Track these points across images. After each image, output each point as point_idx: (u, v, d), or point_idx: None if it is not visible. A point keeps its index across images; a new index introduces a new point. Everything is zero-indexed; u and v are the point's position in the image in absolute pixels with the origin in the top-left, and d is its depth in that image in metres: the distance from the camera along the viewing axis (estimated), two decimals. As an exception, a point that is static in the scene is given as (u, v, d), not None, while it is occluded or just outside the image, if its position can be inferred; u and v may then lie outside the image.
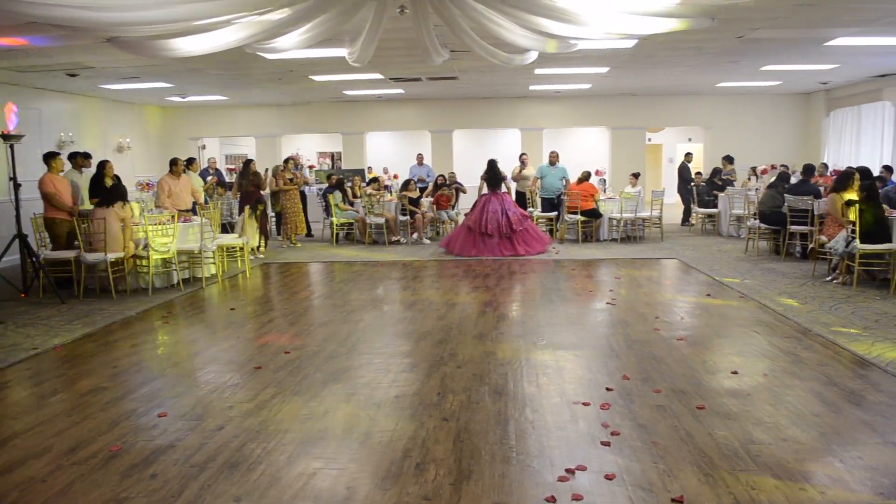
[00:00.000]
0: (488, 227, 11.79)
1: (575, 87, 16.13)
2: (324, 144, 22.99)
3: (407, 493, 3.52)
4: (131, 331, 7.14)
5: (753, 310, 7.49)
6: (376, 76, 13.37)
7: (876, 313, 7.11)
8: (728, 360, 5.70)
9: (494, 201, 12.07)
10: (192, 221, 9.79)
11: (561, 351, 6.05)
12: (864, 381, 5.11)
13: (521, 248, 11.74)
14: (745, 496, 3.41)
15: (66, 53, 9.83)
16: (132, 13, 5.48)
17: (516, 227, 11.88)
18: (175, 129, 18.54)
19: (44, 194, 9.10)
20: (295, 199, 13.35)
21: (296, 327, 7.17)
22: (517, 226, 11.91)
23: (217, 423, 4.51)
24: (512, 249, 11.70)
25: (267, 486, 3.62)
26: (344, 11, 6.26)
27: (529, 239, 11.98)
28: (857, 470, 3.68)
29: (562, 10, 5.98)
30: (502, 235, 11.80)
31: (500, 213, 11.89)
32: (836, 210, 8.91)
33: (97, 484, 3.67)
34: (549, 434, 4.23)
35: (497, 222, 11.82)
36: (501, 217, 11.86)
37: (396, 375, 5.45)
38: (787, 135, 17.94)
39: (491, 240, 11.77)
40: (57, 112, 13.78)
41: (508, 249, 11.70)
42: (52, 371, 5.81)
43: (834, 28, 9.22)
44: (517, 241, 11.81)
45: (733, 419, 4.40)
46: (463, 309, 7.83)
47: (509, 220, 11.87)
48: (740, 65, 12.50)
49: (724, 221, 14.15)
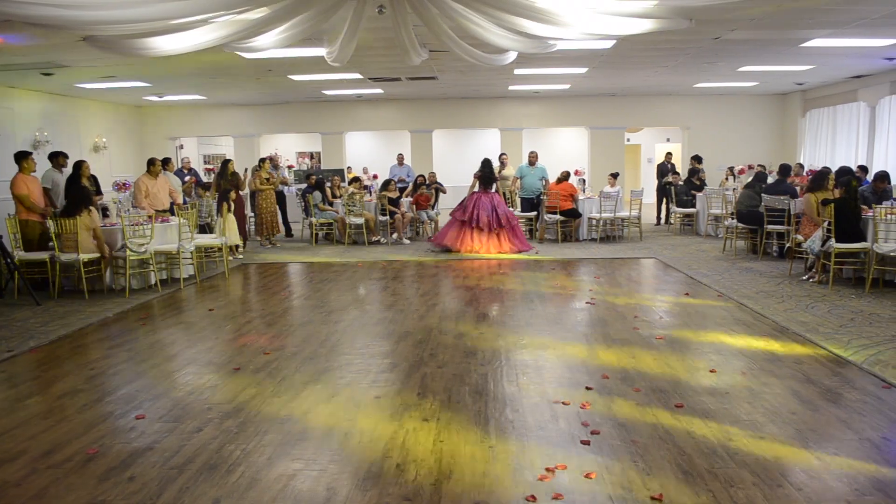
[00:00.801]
0: (480, 221, 12.17)
1: (554, 88, 16.19)
2: (303, 144, 22.90)
3: (387, 494, 3.51)
4: (108, 332, 7.06)
5: (731, 309, 7.55)
6: (356, 76, 13.35)
7: (851, 311, 7.20)
8: (706, 359, 5.74)
9: (486, 199, 12.40)
10: (170, 222, 9.70)
11: (541, 350, 6.07)
12: (840, 378, 5.17)
13: (507, 245, 12.15)
14: (724, 494, 3.44)
15: (41, 52, 9.71)
16: (108, 11, 5.42)
17: (504, 224, 12.27)
18: (152, 129, 18.40)
19: (16, 196, 8.97)
20: (271, 199, 13.30)
21: (275, 328, 7.12)
22: (506, 223, 12.30)
23: (196, 424, 4.47)
24: (499, 247, 12.10)
25: (246, 487, 3.60)
26: (322, 11, 6.24)
27: (515, 238, 12.37)
28: (834, 467, 3.72)
29: (540, 11, 6.00)
30: (492, 230, 12.19)
31: (490, 209, 12.28)
32: (811, 210, 9.01)
33: (73, 487, 3.62)
34: (530, 433, 4.24)
35: (488, 217, 12.20)
36: (492, 213, 12.25)
37: (377, 376, 5.43)
38: (763, 135, 18.13)
39: (482, 234, 12.17)
40: (31, 111, 13.61)
41: (496, 246, 12.10)
42: (28, 373, 5.74)
43: (810, 30, 9.33)
44: (504, 237, 12.22)
45: (712, 417, 4.44)
46: (443, 309, 7.83)
47: (498, 217, 12.26)
48: (718, 66, 12.62)
49: (702, 221, 14.27)
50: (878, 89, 13.90)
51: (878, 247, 8.05)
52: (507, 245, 12.12)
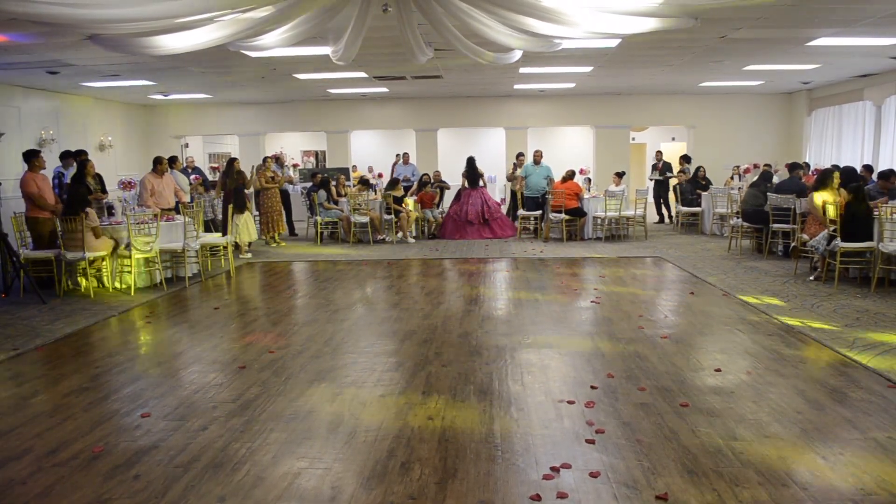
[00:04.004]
0: (469, 216, 14.15)
1: (559, 87, 16.17)
2: (308, 143, 22.89)
3: (392, 493, 3.51)
4: (114, 331, 7.08)
5: (736, 308, 7.54)
6: (361, 75, 13.34)
7: (857, 311, 7.18)
8: (711, 358, 5.74)
9: (474, 195, 14.32)
10: (176, 220, 9.72)
11: (546, 349, 6.07)
12: (846, 378, 5.15)
13: (496, 232, 14.19)
14: (729, 493, 3.43)
15: (47, 51, 9.73)
16: (113, 10, 5.43)
17: (489, 216, 14.25)
18: (158, 128, 18.41)
19: (27, 194, 8.99)
20: (275, 197, 13.31)
21: (280, 326, 7.13)
22: (492, 214, 14.31)
23: (201, 423, 4.48)
24: (491, 233, 14.15)
25: (251, 485, 3.60)
26: (327, 9, 6.24)
27: (503, 225, 14.42)
28: (839, 466, 3.71)
29: (545, 10, 5.99)
30: (481, 222, 14.18)
31: (478, 204, 14.22)
32: (816, 209, 8.99)
33: (79, 485, 3.63)
34: (534, 432, 4.23)
35: (476, 212, 14.16)
36: (481, 207, 14.21)
37: (381, 375, 5.44)
38: (769, 134, 18.07)
39: (472, 226, 14.16)
40: (37, 110, 13.64)
41: (487, 233, 14.14)
42: (34, 372, 5.75)
43: (816, 28, 9.29)
44: (493, 226, 14.25)
45: (717, 416, 4.43)
46: (448, 308, 7.83)
47: (487, 209, 14.23)
48: (723, 64, 12.58)
49: (708, 220, 14.26)
50: (884, 88, 13.84)
51: (883, 246, 8.02)
52: (498, 232, 14.17)
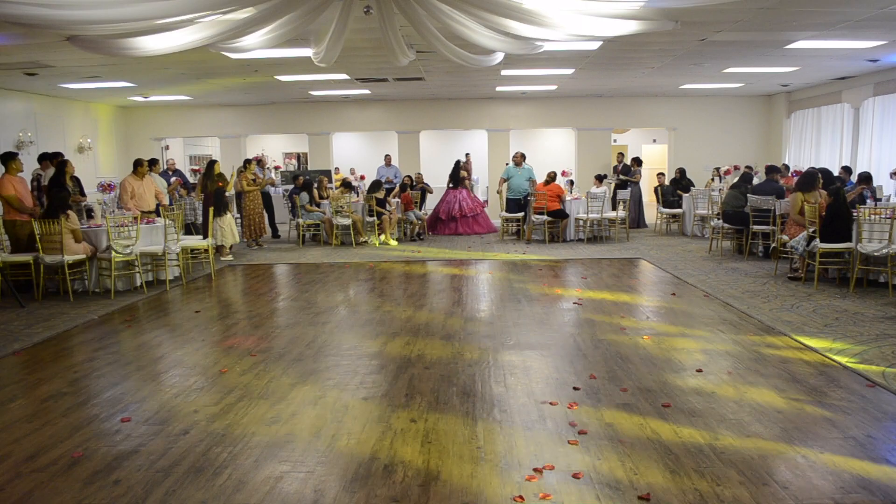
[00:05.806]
0: (451, 214, 15.39)
1: (541, 89, 16.20)
2: (290, 145, 22.81)
3: (375, 496, 3.50)
4: (93, 334, 7.01)
5: (717, 308, 7.59)
6: (342, 76, 13.30)
7: (836, 311, 7.25)
8: (693, 359, 5.77)
9: (455, 194, 15.49)
10: (156, 223, 9.64)
11: (528, 351, 6.08)
12: (825, 377, 5.20)
13: (473, 228, 15.38)
14: (711, 493, 3.45)
15: (25, 52, 9.62)
16: (92, 11, 5.38)
17: (469, 214, 15.44)
18: (138, 130, 18.24)
19: (4, 198, 8.88)
20: (257, 200, 13.27)
21: (262, 330, 7.10)
22: (471, 212, 15.50)
23: (182, 427, 4.44)
24: (469, 229, 15.35)
25: (233, 490, 3.58)
26: (309, 11, 6.21)
27: (481, 222, 15.62)
28: (820, 465, 3.75)
29: (527, 12, 6.01)
30: (461, 218, 15.38)
31: (458, 203, 15.43)
32: (796, 210, 9.07)
33: (58, 491, 3.59)
34: (517, 434, 4.24)
35: (458, 210, 15.38)
36: (464, 203, 15.45)
37: (364, 377, 5.42)
38: (749, 136, 18.21)
39: (454, 222, 15.38)
40: (15, 112, 13.48)
41: (467, 229, 15.35)
42: (12, 376, 5.68)
43: (794, 31, 9.38)
44: (472, 222, 15.47)
45: (698, 417, 4.46)
46: (430, 310, 7.82)
47: (465, 207, 15.45)
48: (703, 67, 12.66)
49: (689, 222, 14.35)
50: (861, 91, 13.99)
51: (862, 247, 8.12)
52: (476, 228, 15.39)
